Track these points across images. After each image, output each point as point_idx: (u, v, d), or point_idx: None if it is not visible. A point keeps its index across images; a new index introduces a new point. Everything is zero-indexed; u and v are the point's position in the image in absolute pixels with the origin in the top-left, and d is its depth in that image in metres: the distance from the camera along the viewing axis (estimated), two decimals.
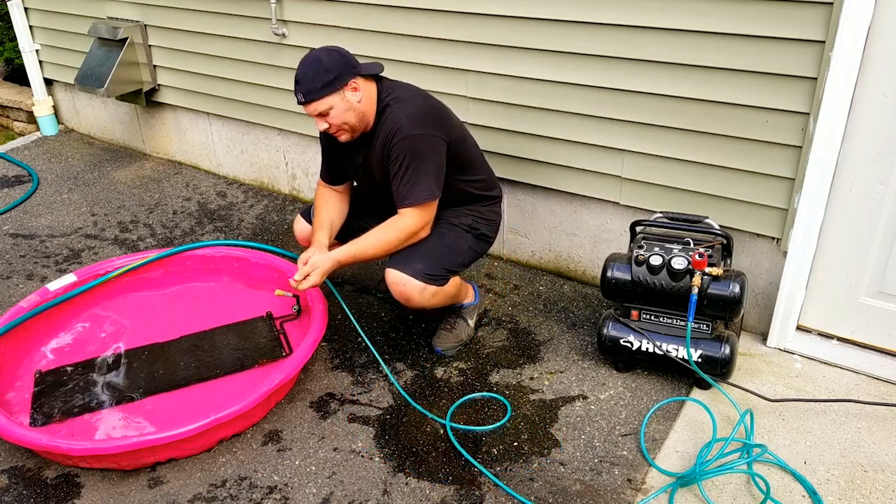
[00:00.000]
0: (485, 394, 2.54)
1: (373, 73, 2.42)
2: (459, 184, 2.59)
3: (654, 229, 2.60)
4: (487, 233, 2.69)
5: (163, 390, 2.54)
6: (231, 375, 2.61)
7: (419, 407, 2.49)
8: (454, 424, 2.40)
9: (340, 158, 2.64)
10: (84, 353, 2.75)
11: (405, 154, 2.36)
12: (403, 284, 2.46)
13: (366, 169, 2.59)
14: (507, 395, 2.54)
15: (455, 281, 2.62)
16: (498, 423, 2.41)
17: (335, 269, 2.46)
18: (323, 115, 2.37)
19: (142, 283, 3.10)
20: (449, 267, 2.55)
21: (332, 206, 2.69)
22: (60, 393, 2.53)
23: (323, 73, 2.29)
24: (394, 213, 2.46)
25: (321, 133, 2.51)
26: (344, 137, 2.46)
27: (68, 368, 2.65)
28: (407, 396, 2.53)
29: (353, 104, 2.36)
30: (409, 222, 2.43)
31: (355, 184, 2.78)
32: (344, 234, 2.70)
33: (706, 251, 2.39)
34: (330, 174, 2.70)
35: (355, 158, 2.59)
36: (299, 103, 2.37)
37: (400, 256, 2.48)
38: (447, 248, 2.55)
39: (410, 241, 2.47)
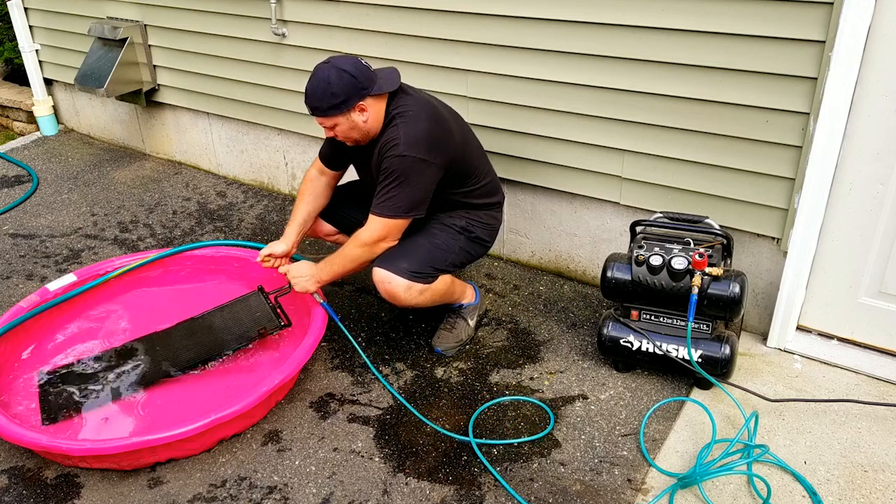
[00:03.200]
0: (519, 397, 2.51)
1: (384, 91, 2.41)
2: (458, 196, 2.61)
3: (654, 229, 2.60)
4: (483, 236, 2.68)
5: (168, 376, 2.55)
6: (234, 356, 2.64)
7: (438, 427, 2.49)
8: (479, 440, 2.36)
9: (343, 147, 2.65)
10: (84, 354, 2.75)
11: (393, 170, 2.38)
12: (388, 282, 2.48)
13: (364, 167, 2.64)
14: (507, 395, 2.53)
15: (445, 279, 2.62)
16: (541, 434, 2.35)
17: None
18: (328, 127, 2.44)
19: (142, 283, 3.10)
20: (437, 266, 2.56)
21: (315, 198, 2.75)
22: (65, 391, 2.52)
23: (330, 97, 2.33)
24: None
25: None
26: (349, 143, 2.52)
27: (72, 366, 2.64)
28: (420, 415, 2.53)
29: (357, 123, 2.40)
30: (368, 233, 2.45)
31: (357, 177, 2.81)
32: (342, 223, 2.83)
33: (706, 251, 2.39)
34: (330, 157, 2.71)
35: (357, 154, 2.63)
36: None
37: (386, 255, 2.50)
38: (435, 247, 2.57)
39: (373, 250, 2.48)
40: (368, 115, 2.39)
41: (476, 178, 2.62)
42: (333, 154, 2.69)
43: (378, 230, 2.44)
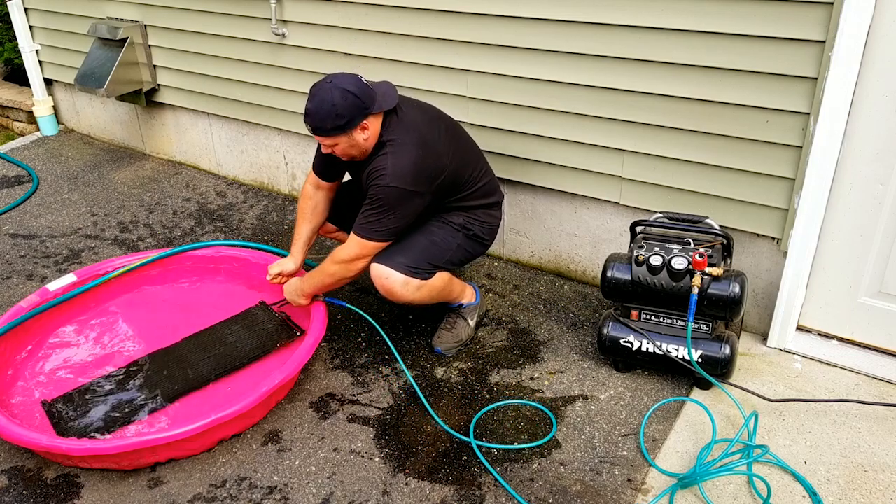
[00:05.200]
0: (522, 401, 2.49)
1: (383, 109, 2.42)
2: (452, 202, 2.62)
3: (654, 229, 2.60)
4: (481, 234, 2.68)
5: (189, 391, 2.53)
6: (254, 364, 2.64)
7: (444, 426, 2.49)
8: (480, 443, 2.34)
9: (337, 158, 2.65)
10: (83, 357, 2.75)
11: (378, 198, 2.40)
12: (386, 278, 2.49)
13: (356, 178, 2.65)
14: (507, 395, 2.54)
15: (443, 276, 2.62)
16: (544, 440, 2.33)
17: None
18: (328, 146, 2.46)
19: (142, 283, 3.10)
20: (434, 262, 2.57)
21: (314, 215, 2.78)
22: (80, 416, 2.44)
23: (334, 118, 2.33)
24: None
25: None
26: (346, 159, 2.53)
27: (79, 391, 2.55)
28: (435, 415, 2.53)
29: (358, 142, 2.41)
30: (346, 251, 2.50)
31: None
32: (342, 221, 2.85)
33: (706, 251, 2.39)
34: (324, 170, 2.72)
35: (350, 165, 2.63)
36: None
37: (384, 251, 2.52)
38: (433, 243, 2.58)
39: (349, 268, 2.52)
40: (369, 134, 2.41)
41: (470, 184, 2.62)
42: (327, 166, 2.69)
43: (355, 250, 2.48)
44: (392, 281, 2.49)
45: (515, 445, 2.32)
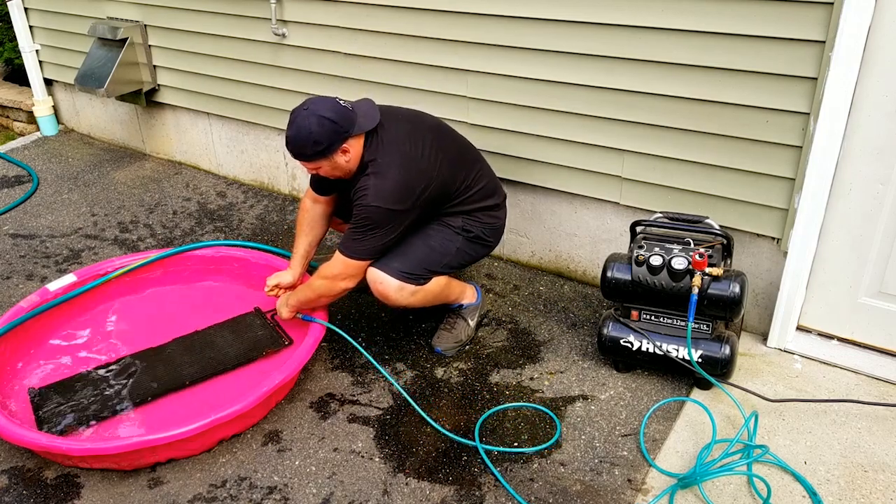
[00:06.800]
0: (527, 404, 2.49)
1: (364, 130, 2.42)
2: (447, 209, 2.61)
3: (654, 229, 2.60)
4: (483, 235, 2.68)
5: (169, 391, 2.53)
6: (237, 370, 2.62)
7: (449, 433, 2.49)
8: (486, 446, 2.34)
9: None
10: (83, 356, 2.75)
11: (363, 217, 2.42)
12: (380, 283, 2.51)
13: (346, 197, 2.65)
14: (507, 395, 2.54)
15: (440, 281, 2.62)
16: (549, 443, 2.32)
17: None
18: (312, 169, 2.49)
19: (142, 283, 3.10)
20: (430, 267, 2.57)
21: (312, 229, 2.79)
22: (61, 407, 2.46)
23: (312, 145, 2.35)
24: None
25: None
26: (332, 178, 2.55)
27: (64, 383, 2.57)
28: (436, 424, 2.53)
29: (340, 164, 2.43)
30: (330, 268, 2.51)
31: None
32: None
33: (706, 251, 2.39)
34: (319, 185, 2.73)
35: (339, 183, 2.63)
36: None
37: (383, 256, 2.52)
38: (430, 248, 2.57)
39: (332, 286, 2.53)
40: (351, 156, 2.41)
41: (464, 190, 2.60)
42: (321, 182, 2.70)
43: (339, 267, 2.49)
44: (386, 286, 2.50)
45: (524, 449, 2.32)
